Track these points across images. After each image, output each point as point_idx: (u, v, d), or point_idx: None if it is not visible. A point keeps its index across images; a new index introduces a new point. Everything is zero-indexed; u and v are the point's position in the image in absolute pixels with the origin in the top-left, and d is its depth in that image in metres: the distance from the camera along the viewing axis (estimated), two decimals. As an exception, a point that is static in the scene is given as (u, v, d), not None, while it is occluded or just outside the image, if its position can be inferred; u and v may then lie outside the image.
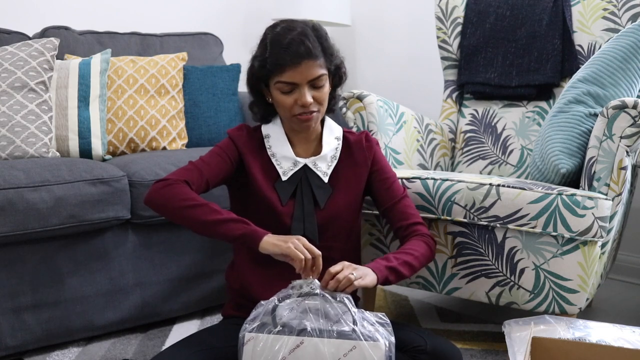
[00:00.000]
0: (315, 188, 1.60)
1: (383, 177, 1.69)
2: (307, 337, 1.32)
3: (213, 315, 2.17)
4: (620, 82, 1.89)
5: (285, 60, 1.48)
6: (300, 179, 1.61)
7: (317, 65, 1.51)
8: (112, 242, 1.95)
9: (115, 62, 2.36)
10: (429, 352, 1.45)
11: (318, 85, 1.53)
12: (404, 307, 2.32)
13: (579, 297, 1.73)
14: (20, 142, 2.00)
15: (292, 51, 1.48)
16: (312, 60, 1.50)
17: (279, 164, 1.61)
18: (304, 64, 1.49)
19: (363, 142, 1.69)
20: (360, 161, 1.67)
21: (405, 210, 1.68)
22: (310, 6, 3.13)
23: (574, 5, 2.33)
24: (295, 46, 1.48)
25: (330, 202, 1.61)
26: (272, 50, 1.50)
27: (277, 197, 1.59)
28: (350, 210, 1.65)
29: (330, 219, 1.61)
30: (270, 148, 1.62)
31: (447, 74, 2.59)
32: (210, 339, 1.52)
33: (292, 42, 1.49)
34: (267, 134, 1.64)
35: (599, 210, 1.68)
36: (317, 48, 1.51)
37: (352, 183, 1.65)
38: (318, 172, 1.61)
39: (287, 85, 1.51)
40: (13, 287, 1.79)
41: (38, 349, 1.89)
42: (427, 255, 1.62)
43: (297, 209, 1.59)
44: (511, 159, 2.34)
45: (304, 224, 1.58)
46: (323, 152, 1.63)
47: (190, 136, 2.46)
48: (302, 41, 1.49)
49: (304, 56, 1.49)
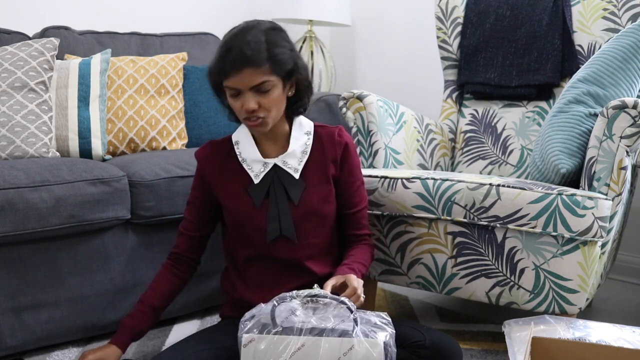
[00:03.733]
0: (287, 185, 1.60)
1: (350, 180, 1.68)
2: (308, 337, 1.32)
3: (213, 315, 2.17)
4: (620, 82, 1.89)
5: (227, 66, 1.49)
6: (272, 178, 1.61)
7: (260, 72, 1.49)
8: (112, 242, 1.95)
9: (115, 62, 2.36)
10: (428, 346, 1.47)
11: (262, 90, 1.51)
12: (404, 307, 2.32)
13: (579, 297, 1.73)
14: (20, 142, 2.00)
15: (232, 58, 1.48)
16: (252, 67, 1.48)
17: (250, 168, 1.62)
18: (245, 71, 1.48)
19: (335, 136, 1.66)
20: (329, 155, 1.65)
21: (361, 221, 1.72)
22: (310, 6, 3.13)
23: (574, 5, 2.33)
24: (236, 53, 1.48)
25: (305, 197, 1.61)
26: (219, 55, 1.52)
27: (251, 201, 1.60)
28: (326, 203, 1.64)
29: (306, 214, 1.61)
30: (241, 154, 1.63)
31: (447, 74, 2.59)
32: (211, 338, 1.52)
33: (234, 48, 1.49)
34: (237, 141, 1.65)
35: (599, 210, 1.68)
36: (260, 55, 1.49)
37: (324, 177, 1.65)
38: (288, 170, 1.61)
39: (232, 89, 1.52)
40: (13, 287, 1.79)
41: (38, 349, 1.89)
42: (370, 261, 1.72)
43: (271, 209, 1.59)
44: (511, 159, 2.34)
45: (280, 223, 1.59)
46: (290, 148, 1.62)
47: (190, 136, 2.46)
48: (241, 49, 1.48)
49: (244, 63, 1.48)
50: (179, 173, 2.03)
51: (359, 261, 1.63)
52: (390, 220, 1.93)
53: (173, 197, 1.99)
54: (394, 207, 1.90)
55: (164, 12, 3.13)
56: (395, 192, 1.89)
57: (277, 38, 1.54)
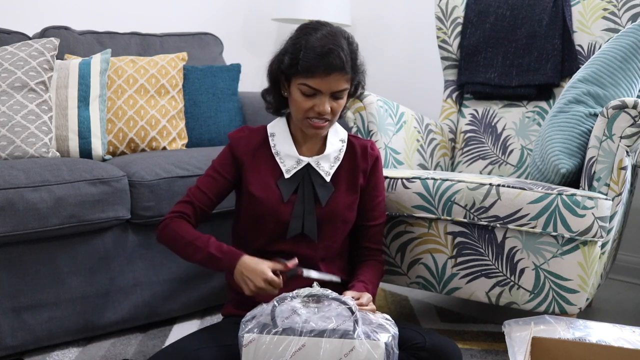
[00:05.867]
0: (317, 186, 1.62)
1: (374, 194, 1.71)
2: (309, 338, 1.32)
3: (213, 315, 2.17)
4: (621, 82, 1.89)
5: (318, 67, 1.50)
6: (303, 177, 1.63)
7: (345, 79, 1.54)
8: (112, 242, 1.95)
9: (115, 62, 2.36)
10: (427, 349, 1.47)
11: (338, 97, 1.56)
12: (404, 307, 2.32)
13: (579, 297, 1.73)
14: (20, 142, 2.00)
15: (326, 61, 1.50)
16: (341, 73, 1.52)
17: (282, 162, 1.63)
18: (334, 76, 1.52)
19: (368, 149, 1.70)
20: (361, 167, 1.68)
21: (377, 236, 1.73)
22: (310, 6, 3.13)
23: (574, 5, 2.33)
24: (331, 57, 1.50)
25: (332, 200, 1.63)
26: (307, 54, 1.51)
27: (279, 194, 1.61)
28: (349, 210, 1.66)
29: (330, 216, 1.63)
30: (275, 146, 1.64)
31: (447, 74, 2.59)
32: (213, 336, 1.52)
33: (330, 52, 1.50)
34: (272, 132, 1.66)
35: (599, 210, 1.68)
36: (348, 63, 1.54)
37: (352, 185, 1.67)
38: (320, 171, 1.63)
39: (311, 89, 1.53)
40: (13, 287, 1.79)
41: (38, 349, 1.89)
42: (381, 276, 1.74)
43: (297, 206, 1.61)
44: (511, 159, 2.34)
45: (303, 221, 1.60)
46: (326, 151, 1.65)
47: (190, 136, 2.46)
48: (339, 53, 1.51)
49: (336, 68, 1.51)
50: (179, 173, 2.03)
51: (373, 282, 1.65)
52: (390, 220, 1.93)
53: (173, 197, 1.99)
54: (394, 207, 1.90)
55: (164, 12, 3.13)
56: (395, 192, 1.89)
57: (355, 47, 1.59)
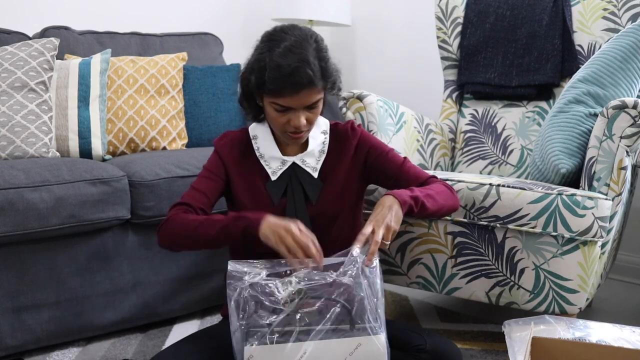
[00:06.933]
0: (305, 184, 1.61)
1: (378, 152, 1.67)
2: (310, 342, 1.30)
3: (213, 315, 2.17)
4: (621, 82, 1.89)
5: (286, 88, 1.44)
6: (290, 177, 1.61)
7: (316, 92, 1.48)
8: (112, 242, 1.95)
9: (115, 62, 2.36)
10: (429, 350, 1.46)
11: (313, 107, 1.51)
12: (404, 307, 2.32)
13: (579, 297, 1.73)
14: (20, 142, 2.00)
15: (293, 80, 1.44)
16: (311, 88, 1.46)
17: (267, 164, 1.61)
18: (303, 92, 1.46)
19: (349, 131, 1.67)
20: (348, 150, 1.65)
21: (411, 171, 1.67)
22: (310, 6, 3.13)
23: (574, 5, 2.33)
24: (297, 76, 1.43)
25: (322, 196, 1.61)
26: (272, 75, 1.45)
27: (268, 197, 1.60)
28: (344, 202, 1.64)
29: (322, 213, 1.61)
30: (259, 149, 1.62)
31: (447, 74, 2.59)
32: (212, 338, 1.52)
33: (296, 70, 1.43)
34: (255, 135, 1.64)
35: (599, 210, 1.68)
36: (318, 75, 1.47)
37: (344, 174, 1.64)
38: (307, 169, 1.62)
39: (282, 107, 1.49)
40: (13, 287, 1.79)
41: (38, 349, 1.89)
42: (449, 195, 1.63)
43: (288, 206, 1.59)
44: (511, 159, 2.34)
45: None
46: (310, 147, 1.62)
47: (190, 136, 2.47)
48: (305, 70, 1.44)
49: (304, 86, 1.45)
50: (179, 173, 2.03)
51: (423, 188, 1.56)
52: (390, 220, 1.93)
53: (173, 197, 1.99)
54: (394, 207, 1.90)
55: (164, 12, 3.13)
56: (395, 192, 1.89)
57: (323, 50, 1.51)
